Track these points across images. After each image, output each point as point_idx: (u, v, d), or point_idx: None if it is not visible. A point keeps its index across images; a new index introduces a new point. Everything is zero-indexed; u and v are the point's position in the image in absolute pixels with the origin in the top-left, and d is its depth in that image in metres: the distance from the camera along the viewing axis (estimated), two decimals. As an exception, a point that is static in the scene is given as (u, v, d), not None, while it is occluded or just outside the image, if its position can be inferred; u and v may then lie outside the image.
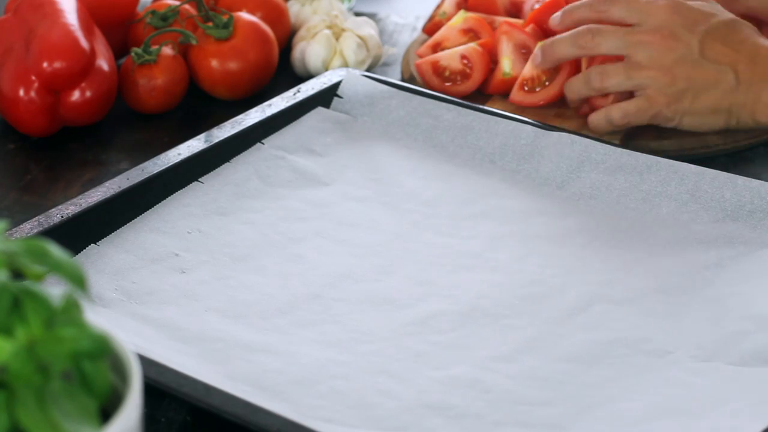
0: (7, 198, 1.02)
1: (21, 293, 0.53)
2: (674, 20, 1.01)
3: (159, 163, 0.96)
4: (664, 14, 1.02)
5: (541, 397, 0.76)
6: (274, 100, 1.06)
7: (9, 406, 0.51)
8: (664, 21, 1.02)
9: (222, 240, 0.91)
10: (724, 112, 1.03)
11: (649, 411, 0.74)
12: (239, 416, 0.70)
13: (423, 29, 1.25)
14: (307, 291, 0.86)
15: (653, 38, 1.01)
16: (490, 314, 0.83)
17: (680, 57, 1.01)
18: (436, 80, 1.14)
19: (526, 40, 1.14)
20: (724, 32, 1.02)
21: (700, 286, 0.85)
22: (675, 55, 1.01)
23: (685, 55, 1.01)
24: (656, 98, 1.02)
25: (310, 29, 1.22)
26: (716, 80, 1.01)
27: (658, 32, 1.01)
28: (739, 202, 0.92)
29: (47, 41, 1.07)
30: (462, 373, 0.78)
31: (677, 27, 1.01)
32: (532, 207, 0.96)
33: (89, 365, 0.53)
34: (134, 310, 0.83)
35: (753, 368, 0.77)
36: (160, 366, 0.73)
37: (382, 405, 0.75)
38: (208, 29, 1.16)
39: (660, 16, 1.02)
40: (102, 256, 0.87)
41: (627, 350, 0.80)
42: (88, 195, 0.91)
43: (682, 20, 1.01)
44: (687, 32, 1.01)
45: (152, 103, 1.15)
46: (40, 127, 1.09)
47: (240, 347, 0.80)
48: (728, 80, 1.01)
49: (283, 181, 0.99)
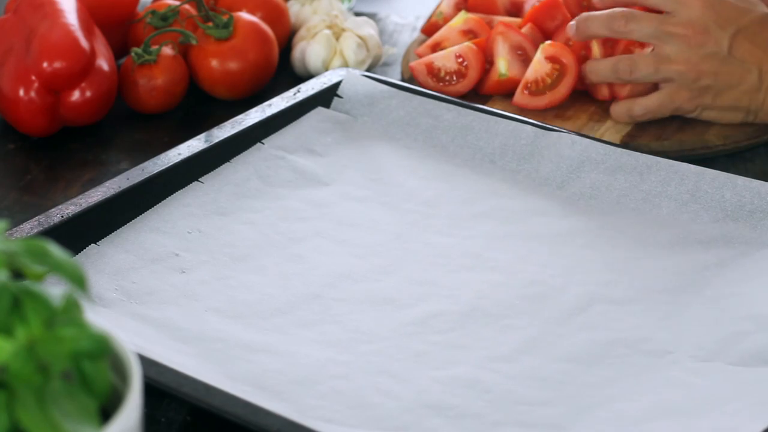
0: (7, 198, 1.02)
1: (21, 293, 0.53)
2: (708, 15, 1.02)
3: (159, 163, 0.96)
4: (698, 7, 1.02)
5: (541, 397, 0.76)
6: (274, 100, 1.06)
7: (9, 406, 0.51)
8: (697, 14, 1.02)
9: (222, 240, 0.91)
10: (744, 109, 1.05)
11: (649, 411, 0.74)
12: (239, 416, 0.70)
13: (421, 30, 1.26)
14: (307, 291, 0.86)
15: (685, 31, 1.02)
16: (491, 314, 0.83)
17: (709, 53, 1.02)
18: (431, 81, 1.14)
19: (522, 41, 1.14)
20: (756, 30, 1.02)
21: (700, 286, 0.85)
22: (704, 52, 1.02)
23: (714, 52, 1.02)
24: (679, 93, 1.04)
25: (310, 29, 1.22)
26: (740, 79, 1.03)
27: (690, 26, 1.02)
28: (739, 203, 0.92)
29: (47, 41, 1.07)
30: (462, 373, 0.78)
31: (710, 22, 1.02)
32: (532, 207, 0.96)
33: (89, 365, 0.53)
34: (134, 310, 0.83)
35: (753, 368, 0.77)
36: (160, 366, 0.73)
37: (382, 405, 0.75)
38: (208, 29, 1.16)
39: (694, 9, 1.02)
40: (102, 256, 0.87)
41: (627, 350, 0.80)
42: (88, 195, 0.91)
43: (715, 15, 1.02)
44: (719, 29, 1.02)
45: (152, 103, 1.15)
46: (40, 127, 1.09)
47: (240, 347, 0.80)
48: (751, 79, 1.03)
49: (283, 181, 0.99)
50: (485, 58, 1.15)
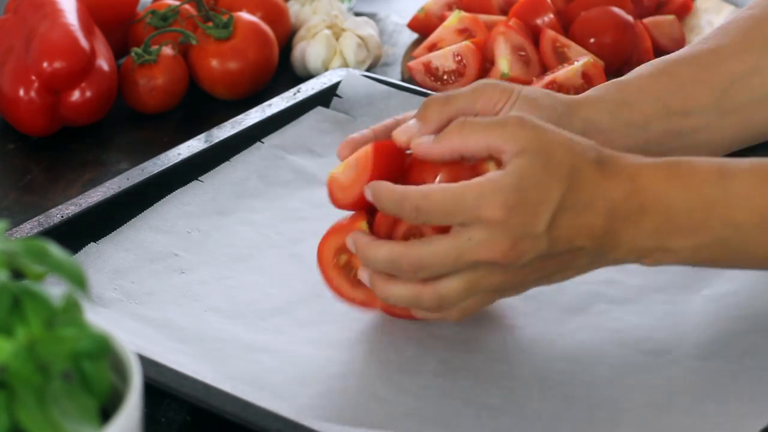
0: (7, 198, 1.02)
1: (21, 293, 0.53)
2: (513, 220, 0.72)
3: (159, 163, 0.96)
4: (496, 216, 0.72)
5: (541, 397, 0.76)
6: (274, 100, 1.06)
7: (9, 406, 0.51)
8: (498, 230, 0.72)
9: (222, 240, 0.91)
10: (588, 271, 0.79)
11: (649, 411, 0.74)
12: (239, 416, 0.70)
13: (407, 24, 1.27)
14: (306, 291, 0.86)
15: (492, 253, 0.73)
16: (491, 314, 0.83)
17: (527, 261, 0.74)
18: (429, 81, 1.14)
19: (523, 42, 1.14)
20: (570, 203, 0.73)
21: (699, 286, 0.85)
22: (522, 262, 0.74)
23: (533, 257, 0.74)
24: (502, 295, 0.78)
25: (310, 29, 1.22)
26: (571, 262, 0.76)
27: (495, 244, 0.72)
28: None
29: (47, 41, 1.07)
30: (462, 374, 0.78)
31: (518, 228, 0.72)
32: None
33: (89, 365, 0.53)
34: (134, 309, 0.83)
35: (753, 368, 0.77)
36: (160, 366, 0.73)
37: (382, 405, 0.75)
38: (208, 29, 1.16)
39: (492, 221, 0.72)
40: (101, 255, 0.87)
41: (627, 350, 0.80)
42: (88, 195, 0.91)
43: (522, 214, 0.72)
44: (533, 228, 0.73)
45: (152, 103, 1.15)
46: (40, 127, 1.09)
47: (240, 347, 0.80)
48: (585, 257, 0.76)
49: (282, 180, 0.99)
50: (483, 58, 1.15)
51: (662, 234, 0.75)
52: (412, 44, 1.25)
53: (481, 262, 0.73)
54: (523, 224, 0.72)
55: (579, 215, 0.74)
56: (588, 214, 0.74)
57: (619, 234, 0.75)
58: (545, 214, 0.73)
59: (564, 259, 0.75)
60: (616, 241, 0.75)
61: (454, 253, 0.73)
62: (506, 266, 0.74)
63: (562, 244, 0.74)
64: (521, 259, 0.73)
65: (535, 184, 0.73)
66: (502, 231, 0.72)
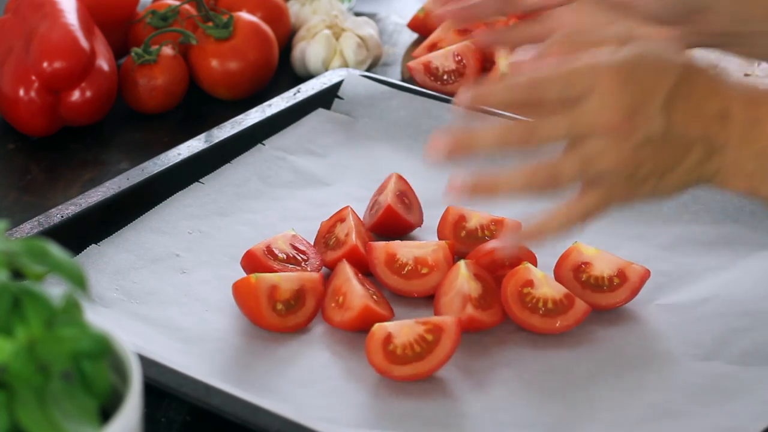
0: (7, 198, 1.02)
1: (21, 293, 0.53)
2: (627, 92, 0.75)
3: (159, 163, 0.96)
4: (613, 85, 0.74)
5: (541, 397, 0.76)
6: (274, 100, 1.06)
7: (9, 406, 0.51)
8: (613, 97, 0.74)
9: (222, 240, 0.91)
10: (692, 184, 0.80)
11: (649, 411, 0.74)
12: (239, 416, 0.70)
13: (407, 24, 1.27)
14: (307, 291, 0.86)
15: (605, 120, 0.74)
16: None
17: (641, 141, 0.75)
18: (429, 81, 1.14)
19: None
20: (687, 92, 0.76)
21: (700, 287, 0.85)
22: (636, 139, 0.75)
23: (647, 136, 0.75)
24: (614, 191, 0.78)
25: (310, 29, 1.22)
26: (683, 157, 0.77)
27: (609, 111, 0.74)
28: (740, 203, 0.92)
29: (47, 41, 1.07)
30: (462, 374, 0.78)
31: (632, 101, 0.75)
32: (532, 207, 0.96)
33: (89, 365, 0.53)
34: (135, 310, 0.83)
35: (753, 368, 0.77)
36: (160, 366, 0.73)
37: (381, 405, 0.75)
38: (208, 29, 1.16)
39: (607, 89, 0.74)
40: (102, 255, 0.87)
41: (627, 350, 0.80)
42: (88, 195, 0.91)
43: (635, 89, 0.75)
44: (645, 105, 0.75)
45: (152, 103, 1.15)
46: (40, 127, 1.09)
47: (240, 347, 0.80)
48: (697, 153, 0.77)
49: (283, 181, 0.99)
50: (483, 57, 1.15)
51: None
52: (412, 44, 1.26)
53: (594, 133, 0.75)
54: (638, 98, 0.74)
55: (696, 103, 0.76)
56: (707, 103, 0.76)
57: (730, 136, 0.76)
58: (660, 92, 0.75)
59: (677, 151, 0.76)
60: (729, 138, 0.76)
61: (567, 120, 0.75)
62: (620, 141, 0.75)
63: (677, 128, 0.76)
64: (635, 135, 0.75)
65: (652, 63, 0.76)
66: (618, 99, 0.74)
